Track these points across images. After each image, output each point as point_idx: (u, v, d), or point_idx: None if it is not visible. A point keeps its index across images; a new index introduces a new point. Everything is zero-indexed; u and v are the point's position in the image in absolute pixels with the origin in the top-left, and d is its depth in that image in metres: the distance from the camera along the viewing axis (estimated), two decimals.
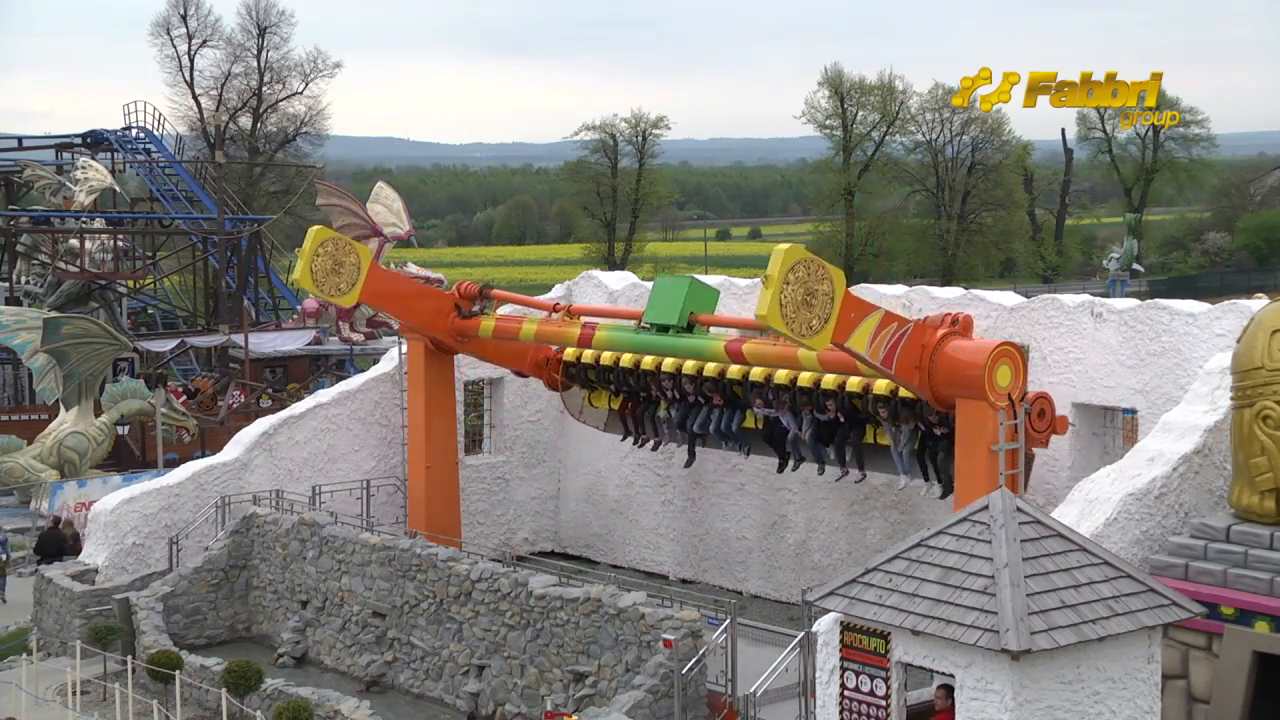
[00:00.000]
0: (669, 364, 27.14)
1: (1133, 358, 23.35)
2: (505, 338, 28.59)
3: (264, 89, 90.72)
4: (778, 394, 25.50)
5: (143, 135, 71.83)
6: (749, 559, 29.25)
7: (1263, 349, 18.28)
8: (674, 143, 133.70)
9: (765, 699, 20.12)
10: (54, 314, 46.02)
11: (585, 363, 28.73)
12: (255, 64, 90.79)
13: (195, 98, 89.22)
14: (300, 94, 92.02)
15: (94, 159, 63.39)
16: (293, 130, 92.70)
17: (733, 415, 26.96)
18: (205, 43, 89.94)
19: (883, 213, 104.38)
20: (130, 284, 61.98)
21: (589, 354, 28.38)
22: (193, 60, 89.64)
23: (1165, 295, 47.66)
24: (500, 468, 32.04)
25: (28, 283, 59.90)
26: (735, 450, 27.61)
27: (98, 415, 41.89)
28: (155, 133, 72.49)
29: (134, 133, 71.71)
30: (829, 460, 25.86)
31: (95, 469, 41.30)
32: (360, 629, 26.17)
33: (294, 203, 74.02)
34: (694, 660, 21.04)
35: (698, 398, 27.16)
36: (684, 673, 20.85)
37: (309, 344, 56.05)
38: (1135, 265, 70.66)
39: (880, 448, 25.07)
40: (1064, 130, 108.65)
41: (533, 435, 32.43)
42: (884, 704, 15.29)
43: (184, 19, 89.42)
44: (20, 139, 72.06)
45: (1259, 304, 21.36)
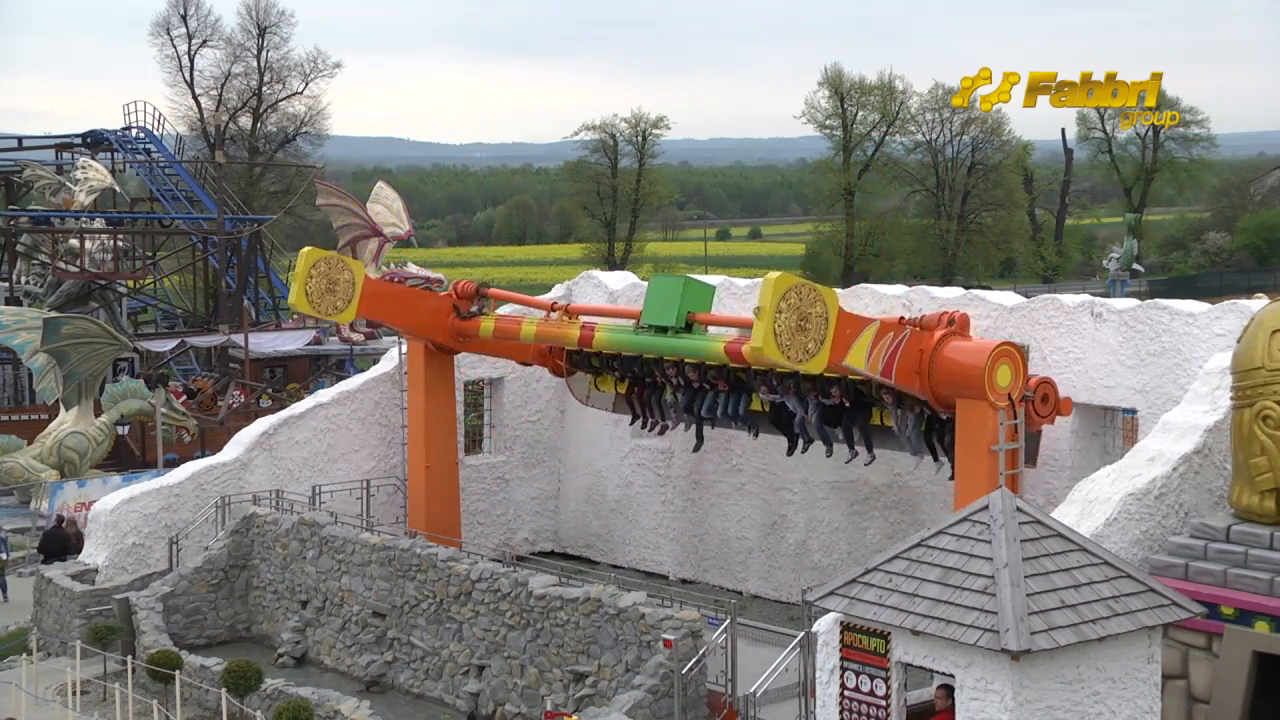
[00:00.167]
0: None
1: (1133, 358, 23.33)
2: (505, 338, 28.56)
3: (264, 89, 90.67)
4: (782, 380, 25.40)
5: (143, 135, 71.76)
6: (749, 559, 29.23)
7: (1263, 349, 18.26)
8: (674, 143, 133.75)
9: (765, 699, 20.09)
10: (54, 314, 46.02)
11: (589, 350, 28.65)
12: (255, 64, 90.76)
13: (195, 98, 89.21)
14: (300, 94, 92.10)
15: (94, 159, 63.36)
16: (293, 130, 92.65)
17: (739, 399, 26.69)
18: (205, 43, 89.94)
19: (883, 213, 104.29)
20: (130, 284, 61.98)
21: None
22: (193, 60, 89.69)
23: (1165, 295, 47.69)
24: (500, 468, 32.03)
25: (28, 283, 59.89)
26: (744, 430, 27.37)
27: (98, 415, 41.90)
28: (155, 133, 72.42)
29: (134, 133, 71.65)
30: (837, 441, 25.77)
31: (95, 469, 41.33)
32: (360, 629, 26.16)
33: (294, 203, 74.07)
34: (694, 660, 21.01)
35: (703, 384, 27.07)
36: (684, 673, 20.82)
37: (309, 344, 56.12)
38: (1135, 265, 70.71)
39: (888, 428, 24.89)
40: (1064, 130, 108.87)
41: (533, 435, 32.41)
42: (884, 704, 15.27)
43: (184, 19, 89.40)
44: (20, 139, 71.99)
45: (1259, 304, 21.34)
